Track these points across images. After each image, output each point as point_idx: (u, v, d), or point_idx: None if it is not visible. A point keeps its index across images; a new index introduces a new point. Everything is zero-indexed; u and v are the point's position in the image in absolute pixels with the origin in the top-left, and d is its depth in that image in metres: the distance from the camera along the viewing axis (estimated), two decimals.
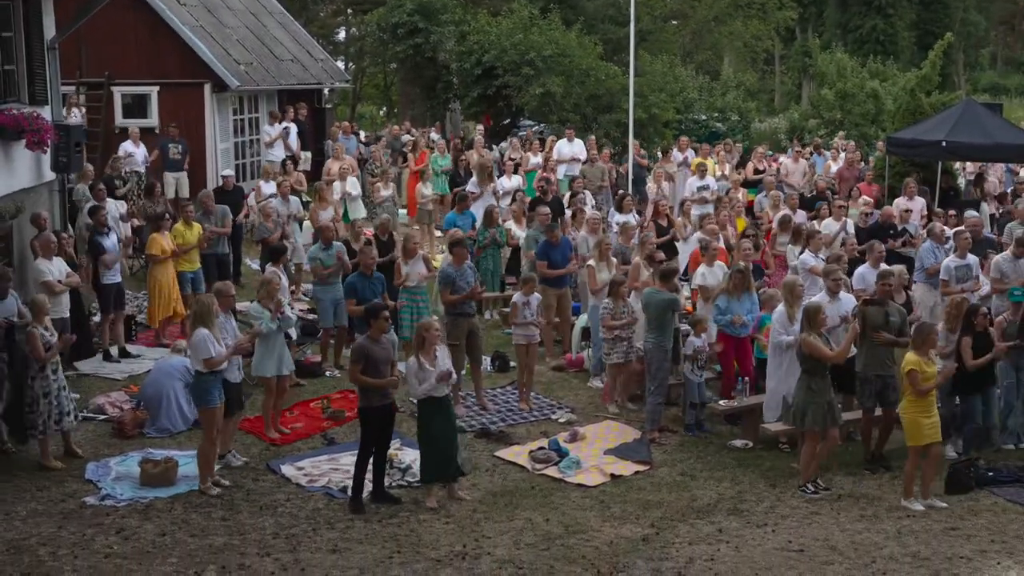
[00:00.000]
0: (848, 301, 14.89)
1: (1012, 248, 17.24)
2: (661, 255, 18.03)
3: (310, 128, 30.93)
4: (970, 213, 20.94)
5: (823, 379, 13.29)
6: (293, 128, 28.92)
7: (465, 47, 36.73)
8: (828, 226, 20.05)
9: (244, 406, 14.50)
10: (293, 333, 16.11)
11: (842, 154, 28.83)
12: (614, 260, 17.64)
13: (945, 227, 19.60)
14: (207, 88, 27.44)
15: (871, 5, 58.73)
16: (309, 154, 29.42)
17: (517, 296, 16.36)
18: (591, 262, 17.58)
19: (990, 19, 78.18)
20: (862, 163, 28.94)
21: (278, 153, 28.07)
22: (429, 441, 12.83)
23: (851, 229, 20.24)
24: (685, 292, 17.88)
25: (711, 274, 16.69)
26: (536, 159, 28.58)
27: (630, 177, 27.06)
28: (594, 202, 24.25)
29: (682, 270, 19.83)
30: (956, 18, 65.67)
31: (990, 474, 13.54)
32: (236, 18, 31.90)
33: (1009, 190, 26.60)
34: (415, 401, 15.77)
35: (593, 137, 30.12)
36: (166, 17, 27.10)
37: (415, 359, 12.72)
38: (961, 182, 27.99)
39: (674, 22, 48.35)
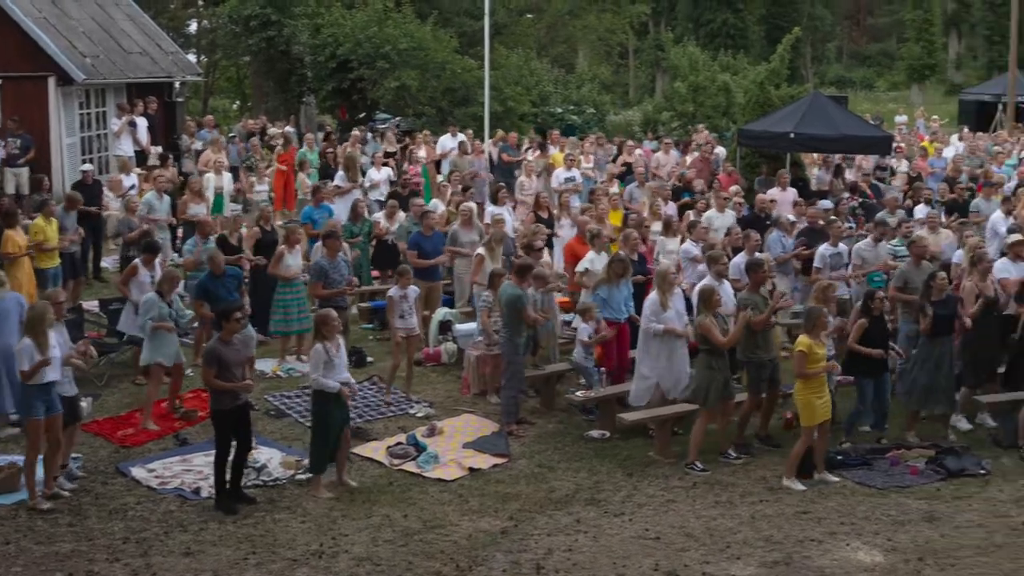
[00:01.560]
0: (728, 288, 15.16)
1: (872, 235, 17.74)
2: (540, 244, 18.09)
3: (161, 122, 30.30)
4: (823, 203, 21.37)
5: (721, 357, 13.72)
6: (143, 122, 28.31)
7: (319, 40, 36.37)
8: (710, 218, 20.24)
9: (81, 417, 14.09)
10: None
11: (699, 147, 29.24)
12: (501, 249, 17.72)
13: (792, 216, 20.00)
14: (51, 82, 26.76)
15: (722, 0, 59.64)
16: (159, 148, 28.81)
17: (393, 290, 16.21)
18: (480, 250, 17.59)
19: (836, 14, 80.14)
20: (719, 151, 29.36)
21: (126, 147, 27.44)
22: (321, 431, 12.75)
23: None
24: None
25: (599, 260, 16.76)
26: (421, 152, 28.45)
27: (486, 167, 27.08)
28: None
29: (560, 264, 19.96)
30: (803, 13, 67.10)
31: (839, 457, 13.84)
32: (82, 10, 31.12)
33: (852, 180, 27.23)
34: (269, 399, 15.73)
35: (470, 131, 30.13)
36: (7, 8, 26.38)
37: (321, 346, 12.63)
38: (818, 173, 28.51)
39: (529, 16, 48.53)
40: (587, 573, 11.08)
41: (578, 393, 15.30)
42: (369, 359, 17.75)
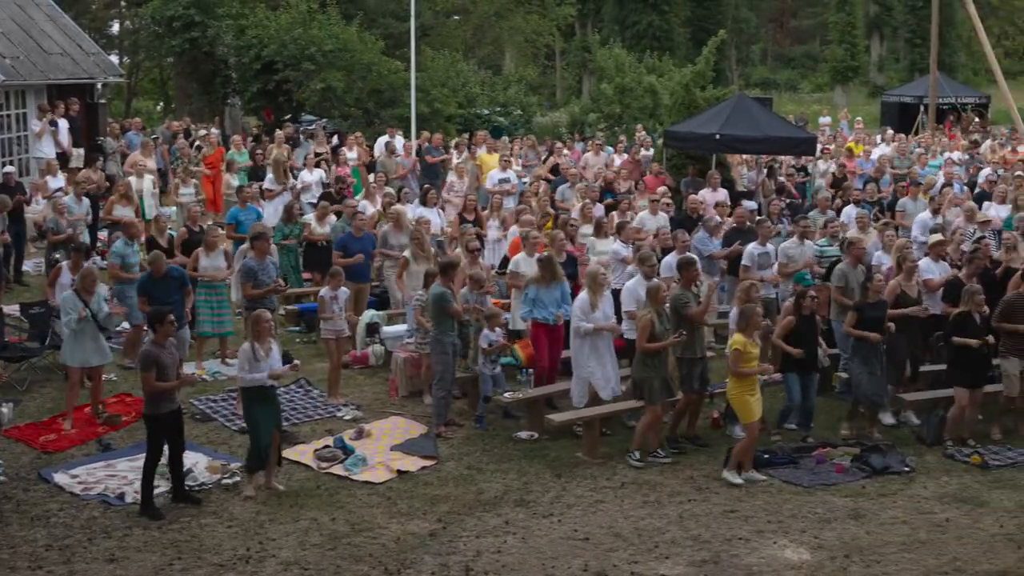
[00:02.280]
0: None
1: (798, 234, 17.89)
2: (477, 244, 18.03)
3: (83, 124, 29.90)
4: (748, 204, 21.51)
5: (660, 355, 13.83)
6: (64, 124, 27.92)
7: (244, 41, 36.11)
8: (643, 219, 20.27)
9: (2, 423, 13.85)
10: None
11: (627, 148, 29.37)
12: (432, 252, 17.63)
13: (718, 217, 20.12)
14: None
15: (647, 2, 59.89)
16: (81, 150, 28.43)
17: (324, 291, 16.11)
18: (406, 254, 17.51)
19: (760, 16, 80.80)
20: (646, 153, 29.49)
21: (47, 149, 27.06)
22: (255, 431, 12.67)
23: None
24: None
25: (526, 262, 16.76)
26: (352, 154, 28.29)
27: (418, 170, 27.01)
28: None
29: (490, 265, 19.94)
30: (728, 15, 67.52)
31: (766, 456, 13.93)
32: (1, 10, 30.66)
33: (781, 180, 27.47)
34: (195, 403, 15.56)
35: (400, 133, 30.09)
36: None
37: (250, 345, 12.57)
38: (747, 174, 28.72)
39: (456, 17, 48.45)
40: (516, 574, 11.08)
41: (506, 394, 15.27)
42: (296, 361, 17.55)
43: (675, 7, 61.99)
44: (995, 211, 21.08)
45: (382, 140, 28.78)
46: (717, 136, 24.66)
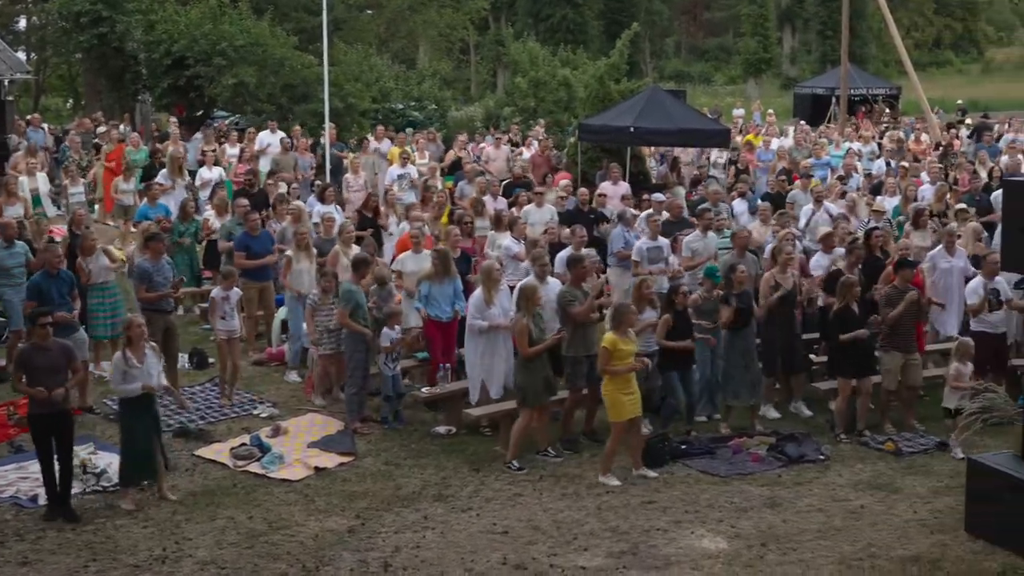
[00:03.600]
0: (554, 285, 15.05)
1: (699, 225, 17.98)
2: (373, 246, 17.93)
3: None
4: (656, 196, 21.60)
5: (540, 357, 13.71)
6: None
7: (153, 36, 35.60)
8: (528, 212, 20.27)
9: None
10: None
11: (536, 142, 29.39)
12: (314, 251, 17.43)
13: (636, 211, 20.18)
14: None
15: None
16: None
17: (216, 291, 15.94)
18: (289, 252, 17.31)
19: (673, 9, 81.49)
20: (554, 150, 29.53)
21: None
22: (129, 441, 12.36)
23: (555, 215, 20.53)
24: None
25: (413, 260, 16.66)
26: (233, 150, 27.99)
27: (328, 167, 26.79)
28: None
29: (390, 260, 19.82)
30: (642, 8, 67.99)
31: (683, 447, 14.01)
32: None
33: (695, 172, 27.70)
34: (108, 403, 15.32)
35: (297, 127, 29.79)
36: None
37: (121, 354, 12.28)
38: (656, 167, 28.89)
39: (369, 11, 48.26)
40: (435, 569, 11.04)
41: (423, 390, 15.22)
42: (211, 360, 17.43)
43: (589, 0, 62.21)
44: (888, 203, 21.38)
45: (263, 135, 28.39)
46: (631, 129, 24.75)
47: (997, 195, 20.10)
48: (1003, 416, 12.35)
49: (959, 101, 47.89)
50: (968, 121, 39.77)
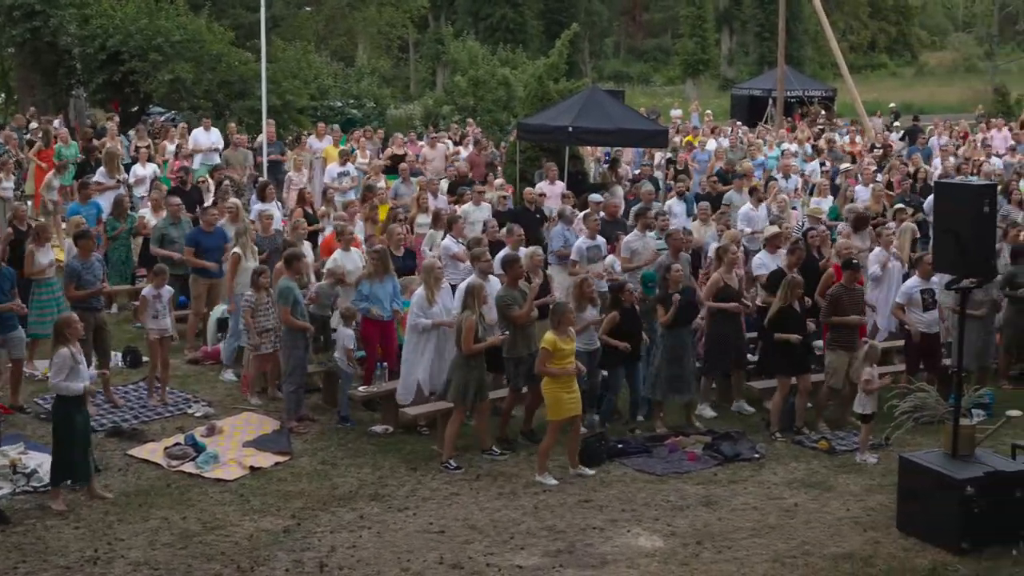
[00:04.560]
0: (495, 284, 15.04)
1: (638, 225, 18.05)
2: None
3: None
4: (593, 196, 21.65)
5: (479, 356, 13.71)
6: None
7: (88, 31, 35.12)
8: (467, 212, 20.25)
9: None
10: None
11: (474, 141, 29.40)
12: (256, 248, 17.34)
13: (576, 210, 20.23)
14: None
15: None
16: None
17: (147, 290, 15.78)
18: (236, 250, 17.21)
19: (613, 10, 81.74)
20: (493, 149, 29.57)
21: None
22: (62, 440, 12.19)
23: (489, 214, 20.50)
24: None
25: (346, 259, 16.63)
26: (171, 147, 27.74)
27: (265, 165, 26.64)
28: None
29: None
30: (581, 8, 68.23)
31: (619, 446, 14.06)
32: None
33: (636, 172, 27.80)
34: (40, 402, 15.14)
35: (233, 124, 29.56)
36: None
37: (67, 350, 12.10)
38: (592, 166, 28.97)
39: (308, 8, 47.95)
40: (371, 569, 11.01)
41: (360, 388, 15.16)
42: (145, 359, 17.27)
43: (528, 0, 62.29)
44: (823, 204, 21.58)
45: (197, 132, 28.16)
46: (570, 128, 24.77)
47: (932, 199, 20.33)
48: (934, 415, 12.49)
49: (892, 104, 48.40)
50: (897, 124, 40.20)
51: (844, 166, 26.91)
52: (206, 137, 27.63)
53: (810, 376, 15.08)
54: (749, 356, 16.20)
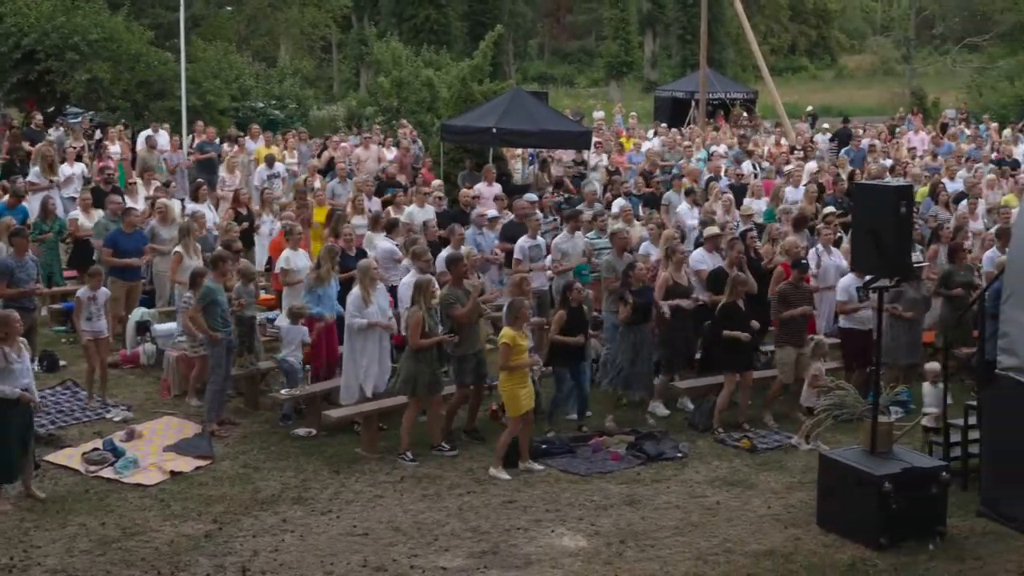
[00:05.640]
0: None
1: (567, 227, 18.09)
2: (239, 245, 17.70)
3: None
4: (529, 196, 21.67)
5: (430, 349, 13.77)
6: None
7: (2, 29, 34.54)
8: (411, 213, 20.17)
9: None
10: None
11: (398, 142, 29.33)
12: (199, 247, 17.20)
13: (495, 211, 20.20)
14: None
15: None
16: None
17: (82, 291, 15.57)
18: (178, 249, 17.04)
19: (537, 11, 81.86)
20: (418, 150, 29.51)
21: None
22: (2, 438, 12.01)
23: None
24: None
25: (296, 258, 16.54)
26: (115, 147, 27.44)
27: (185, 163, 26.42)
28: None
29: (263, 261, 19.65)
30: (505, 10, 68.20)
31: (544, 446, 14.06)
32: None
33: (559, 174, 27.85)
34: None
35: (167, 125, 29.37)
36: None
37: (1, 352, 11.93)
38: (520, 167, 29.00)
39: (228, 8, 47.58)
40: (294, 573, 10.93)
41: (283, 391, 15.05)
42: (62, 363, 17.04)
43: (452, 1, 62.25)
44: (756, 205, 21.70)
45: (144, 135, 27.98)
46: (493, 130, 24.82)
47: None
48: (852, 413, 12.62)
49: (808, 108, 48.83)
50: (827, 126, 40.53)
51: (786, 167, 26.89)
52: (157, 139, 27.47)
53: (752, 373, 15.30)
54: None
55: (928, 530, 11.55)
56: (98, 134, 31.43)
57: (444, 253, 16.58)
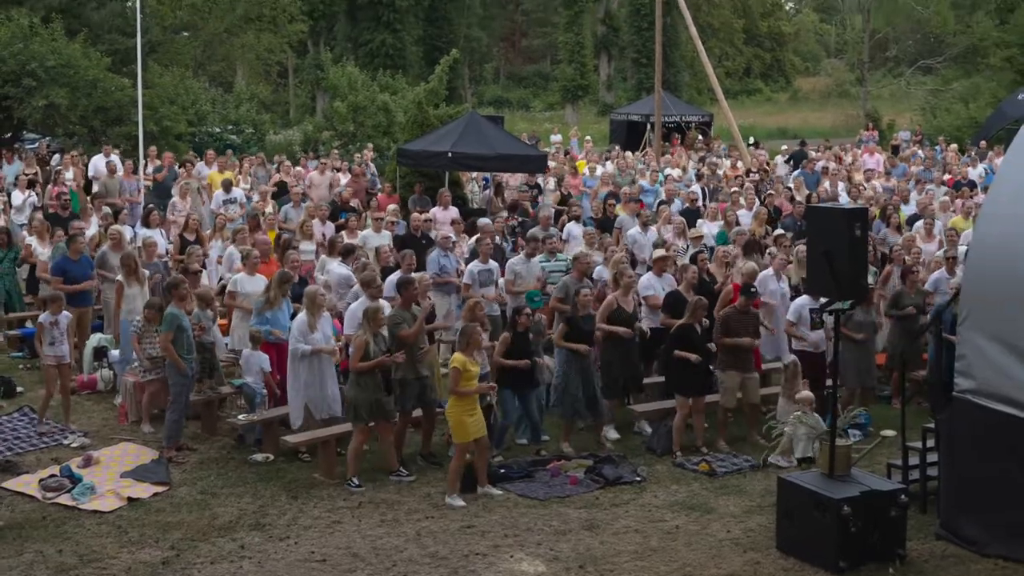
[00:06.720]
0: (385, 307, 14.98)
1: (524, 249, 18.11)
2: (196, 266, 17.64)
3: None
4: (483, 221, 21.68)
5: (372, 375, 13.68)
6: None
7: None
8: (366, 237, 20.13)
9: None
10: None
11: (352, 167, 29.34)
12: (145, 273, 17.10)
13: (453, 236, 20.19)
14: None
15: (380, 20, 60.03)
16: None
17: (44, 316, 15.49)
18: (119, 278, 16.95)
19: (492, 36, 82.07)
20: (371, 175, 29.52)
21: None
22: None
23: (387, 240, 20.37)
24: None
25: (248, 282, 16.53)
26: (69, 173, 27.27)
27: (141, 190, 26.27)
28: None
29: (214, 285, 19.55)
30: (460, 34, 68.38)
31: (502, 471, 14.07)
32: None
33: (513, 197, 27.86)
34: None
35: (119, 150, 29.25)
36: None
37: None
38: (476, 190, 29.05)
39: (185, 34, 47.44)
40: None
41: (240, 416, 15.00)
42: (19, 389, 16.93)
43: (407, 26, 62.39)
44: (707, 228, 21.79)
45: (97, 159, 27.85)
46: (449, 154, 24.86)
47: None
48: (810, 436, 12.71)
49: (751, 139, 48.75)
50: (784, 147, 40.73)
51: (734, 190, 27.02)
52: (104, 163, 27.32)
53: (707, 397, 15.33)
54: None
55: (888, 553, 11.60)
56: (56, 159, 31.22)
57: (394, 276, 16.53)
